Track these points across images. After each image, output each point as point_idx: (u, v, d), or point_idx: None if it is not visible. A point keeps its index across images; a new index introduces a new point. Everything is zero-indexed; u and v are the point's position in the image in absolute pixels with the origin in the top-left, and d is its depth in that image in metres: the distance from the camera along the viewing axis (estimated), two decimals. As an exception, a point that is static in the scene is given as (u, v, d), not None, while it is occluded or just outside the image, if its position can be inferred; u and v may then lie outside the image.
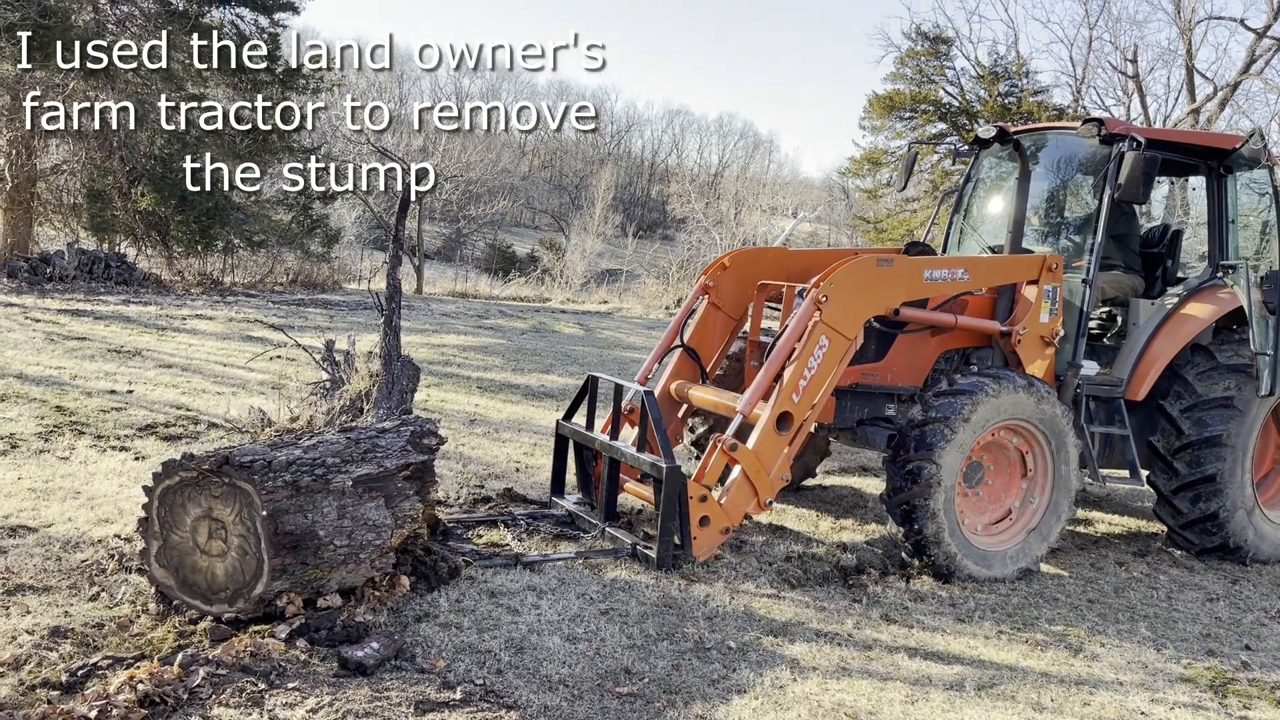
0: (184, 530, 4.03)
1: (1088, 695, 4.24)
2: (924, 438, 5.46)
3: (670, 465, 5.08)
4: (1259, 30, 24.47)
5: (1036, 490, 5.94)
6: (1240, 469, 6.39)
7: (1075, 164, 7.41)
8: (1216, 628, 5.38)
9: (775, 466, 5.31)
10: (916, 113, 29.44)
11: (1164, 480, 6.55)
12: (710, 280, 6.57)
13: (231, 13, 19.24)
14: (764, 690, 3.93)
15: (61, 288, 16.05)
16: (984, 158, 7.68)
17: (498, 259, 39.67)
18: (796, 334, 5.44)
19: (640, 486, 5.78)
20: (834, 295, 5.45)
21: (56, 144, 18.69)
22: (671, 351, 6.46)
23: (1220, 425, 6.34)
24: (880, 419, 6.34)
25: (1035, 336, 6.25)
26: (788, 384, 5.34)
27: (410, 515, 4.55)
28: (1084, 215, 7.16)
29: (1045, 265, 6.26)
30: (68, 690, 3.44)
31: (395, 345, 6.80)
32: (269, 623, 3.97)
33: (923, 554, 5.56)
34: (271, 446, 4.36)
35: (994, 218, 7.57)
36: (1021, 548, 5.82)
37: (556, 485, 6.14)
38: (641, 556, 5.21)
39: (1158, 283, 7.12)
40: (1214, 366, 6.52)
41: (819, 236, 44.45)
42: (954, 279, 6.06)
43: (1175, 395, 6.55)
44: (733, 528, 5.29)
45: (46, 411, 7.50)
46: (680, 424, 6.61)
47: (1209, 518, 6.41)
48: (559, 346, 14.96)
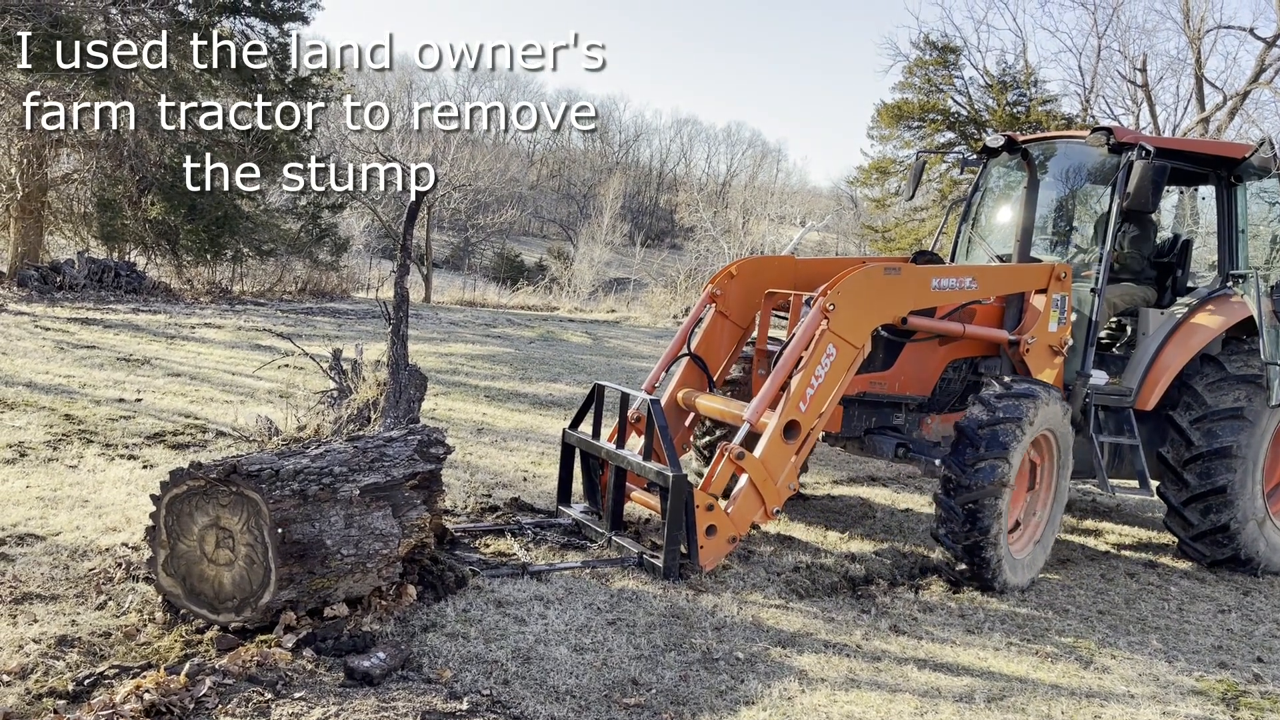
0: (191, 539, 4.02)
1: (1099, 708, 4.21)
2: (996, 437, 5.37)
3: (677, 474, 5.04)
4: (1268, 39, 24.43)
5: (1039, 503, 5.92)
6: (1251, 480, 6.34)
7: (1084, 173, 7.38)
8: (1228, 640, 5.33)
9: (783, 475, 5.27)
10: (925, 122, 29.47)
11: (1174, 492, 6.49)
12: (717, 289, 6.54)
13: (242, 22, 19.37)
14: (772, 702, 3.91)
15: (71, 296, 16.12)
16: (992, 167, 7.64)
17: (506, 268, 39.76)
18: (804, 342, 5.40)
19: (647, 495, 5.75)
20: (841, 304, 5.41)
21: (67, 153, 18.82)
22: (679, 360, 6.43)
23: (1230, 436, 6.28)
24: (888, 428, 6.30)
25: (1043, 346, 6.21)
26: (795, 392, 5.30)
27: (417, 524, 4.55)
28: (1093, 224, 7.13)
29: (1054, 274, 6.23)
30: (74, 699, 3.44)
31: (403, 354, 6.81)
32: (274, 632, 3.96)
33: (976, 556, 5.42)
34: (279, 455, 4.36)
35: (1002, 227, 7.53)
36: (1031, 558, 5.79)
37: (563, 494, 6.12)
38: (648, 566, 5.18)
39: (1167, 292, 7.07)
40: (1224, 377, 6.46)
41: (827, 245, 44.40)
42: (962, 288, 6.03)
43: (1185, 406, 6.49)
44: (739, 537, 5.25)
45: (55, 420, 7.51)
46: (687, 432, 6.58)
47: (1220, 529, 6.36)
48: (567, 355, 14.96)
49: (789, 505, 7.17)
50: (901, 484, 8.32)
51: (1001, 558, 5.45)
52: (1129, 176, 6.16)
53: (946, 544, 5.54)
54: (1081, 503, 8.28)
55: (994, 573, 5.46)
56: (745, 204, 47.31)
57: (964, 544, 5.43)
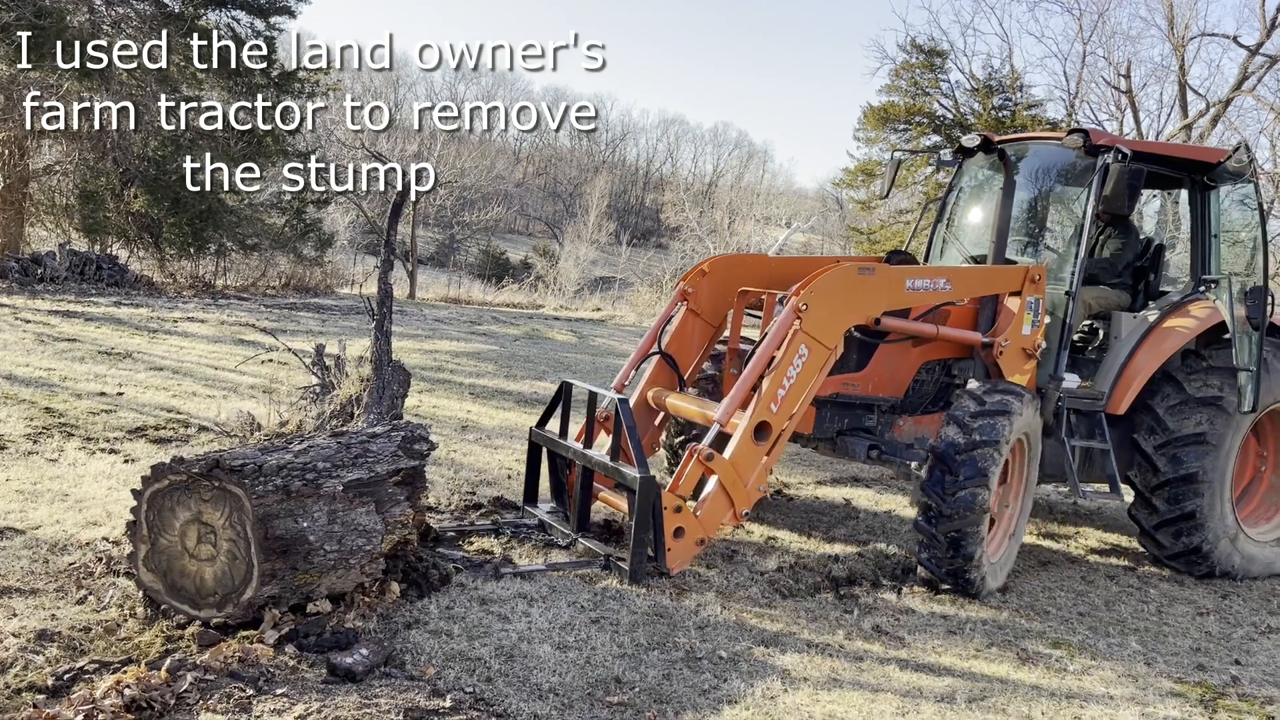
0: (173, 534, 3.99)
1: (1078, 709, 4.24)
2: (975, 463, 5.29)
3: (644, 475, 4.93)
4: (1251, 47, 24.65)
5: (1011, 496, 5.93)
6: (1219, 500, 6.32)
7: (1060, 175, 7.30)
8: (1207, 642, 5.38)
9: (752, 477, 5.18)
10: (911, 125, 29.56)
11: (1145, 516, 6.48)
12: (689, 286, 6.45)
13: (228, 15, 19.23)
14: (755, 701, 3.92)
15: (52, 289, 15.98)
16: (968, 167, 7.57)
17: (491, 265, 39.68)
18: (775, 342, 5.33)
19: (615, 496, 5.64)
20: (814, 303, 5.35)
21: (50, 144, 18.64)
22: (649, 358, 6.34)
23: (1195, 462, 6.24)
24: (860, 429, 6.24)
25: (1017, 348, 6.15)
26: (766, 393, 5.22)
27: (400, 521, 4.53)
28: (1068, 227, 7.06)
29: (1028, 276, 6.17)
30: (54, 694, 3.41)
31: (386, 350, 6.78)
32: (257, 628, 3.95)
33: (961, 579, 5.40)
34: (262, 451, 4.34)
35: (977, 228, 7.46)
36: (1006, 554, 5.79)
37: (529, 494, 6.02)
38: (614, 568, 5.10)
39: (1140, 296, 7.04)
40: (1184, 400, 6.38)
41: (812, 246, 44.46)
42: (936, 289, 5.97)
43: (1149, 430, 6.43)
44: (708, 539, 5.17)
45: (36, 413, 7.46)
46: (657, 431, 6.50)
47: (1193, 550, 6.38)
48: (552, 354, 14.95)
49: (772, 505, 7.20)
50: (885, 485, 8.35)
51: (985, 573, 5.46)
52: (1105, 179, 6.14)
53: (930, 568, 5.49)
54: (1063, 506, 8.33)
55: (978, 588, 5.46)
56: (731, 204, 47.41)
57: (948, 569, 5.41)
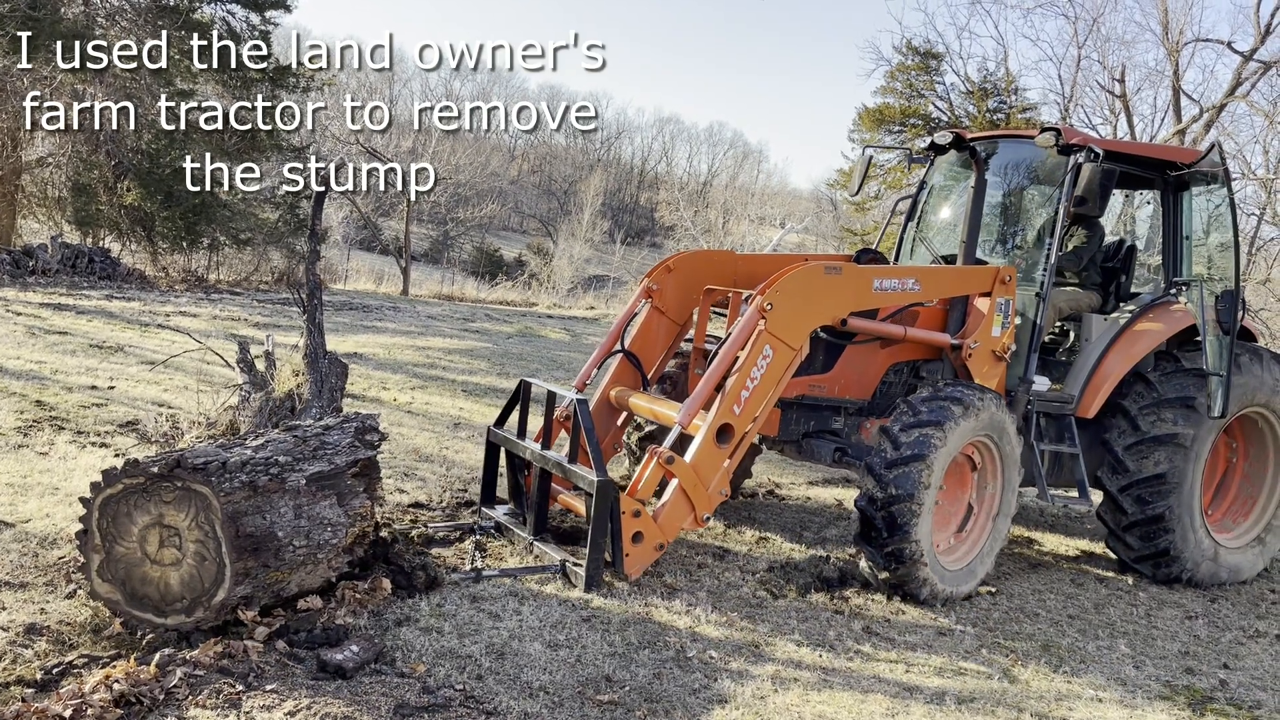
0: (130, 540, 3.82)
1: (1067, 711, 4.25)
2: (917, 440, 5.17)
3: (602, 479, 4.83)
4: (1245, 53, 24.67)
5: (982, 510, 5.75)
6: (1189, 503, 6.24)
7: (1032, 174, 7.14)
8: (1195, 646, 5.40)
9: (714, 481, 5.08)
10: (906, 127, 29.61)
11: (1112, 517, 6.38)
12: (654, 283, 6.30)
13: (223, 9, 19.18)
14: (745, 701, 3.92)
15: (44, 281, 15.92)
16: (940, 165, 7.40)
17: (485, 262, 39.64)
18: (740, 343, 5.20)
19: (573, 498, 5.53)
20: (779, 303, 5.22)
21: (43, 137, 18.56)
22: (612, 356, 6.21)
23: (1165, 463, 6.15)
24: (827, 432, 6.11)
25: (986, 350, 6.02)
26: (729, 395, 5.10)
27: (360, 513, 4.44)
28: (1039, 227, 6.92)
29: (998, 277, 6.05)
30: (42, 688, 3.40)
31: (320, 343, 6.52)
32: (236, 630, 3.87)
33: (898, 564, 5.22)
34: (222, 448, 4.23)
35: (948, 227, 7.31)
36: (970, 567, 5.62)
37: (486, 495, 5.89)
38: (570, 574, 4.95)
39: (1111, 298, 6.91)
40: (1156, 400, 6.29)
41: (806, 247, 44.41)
42: (904, 289, 5.83)
43: (1118, 430, 6.33)
44: (667, 544, 5.08)
45: (26, 406, 7.42)
46: (619, 431, 6.38)
47: (1160, 554, 6.29)
48: (545, 351, 14.93)
49: (764, 506, 7.21)
50: (876, 486, 8.33)
51: (927, 563, 5.25)
52: (1077, 178, 6.06)
53: (867, 551, 5.33)
54: (1053, 509, 8.35)
55: (920, 582, 5.26)
56: (726, 204, 47.42)
57: (885, 551, 5.22)
